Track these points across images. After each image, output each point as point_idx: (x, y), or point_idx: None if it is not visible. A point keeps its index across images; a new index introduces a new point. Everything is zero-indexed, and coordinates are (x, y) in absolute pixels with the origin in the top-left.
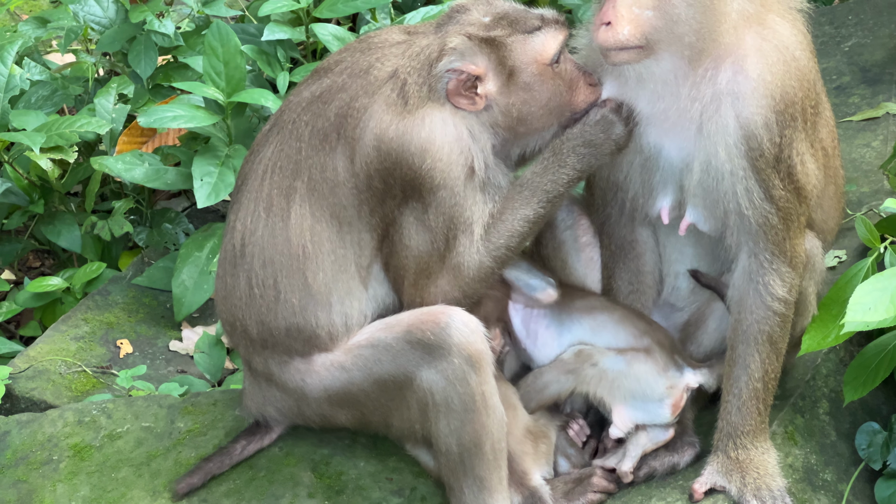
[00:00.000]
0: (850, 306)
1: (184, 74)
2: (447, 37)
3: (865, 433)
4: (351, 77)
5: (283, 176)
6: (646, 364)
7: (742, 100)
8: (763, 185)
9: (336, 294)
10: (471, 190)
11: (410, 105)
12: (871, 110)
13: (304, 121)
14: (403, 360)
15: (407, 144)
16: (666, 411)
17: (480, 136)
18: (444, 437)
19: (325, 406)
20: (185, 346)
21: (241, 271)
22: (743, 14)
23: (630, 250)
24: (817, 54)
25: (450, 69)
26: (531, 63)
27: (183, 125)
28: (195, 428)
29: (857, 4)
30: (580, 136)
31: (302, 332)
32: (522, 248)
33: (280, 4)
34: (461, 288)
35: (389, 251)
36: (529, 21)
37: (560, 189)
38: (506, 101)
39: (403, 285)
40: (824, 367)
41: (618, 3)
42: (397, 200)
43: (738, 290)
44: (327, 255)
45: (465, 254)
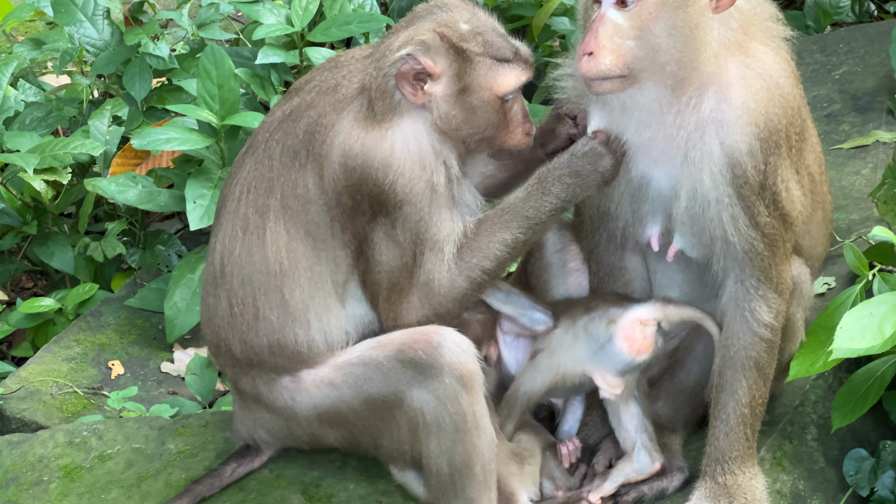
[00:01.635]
0: (838, 333)
1: (178, 97)
2: (419, 30)
3: (853, 460)
4: (319, 95)
5: (257, 195)
6: (583, 318)
7: (726, 127)
8: (748, 212)
9: (314, 311)
10: (436, 206)
11: (377, 119)
12: (861, 138)
13: (275, 140)
14: (394, 379)
15: (370, 160)
16: (621, 345)
17: (442, 150)
18: (434, 457)
19: (314, 425)
20: (177, 368)
21: (221, 291)
22: (724, 42)
23: (619, 276)
24: (808, 82)
25: (409, 54)
26: (486, 89)
27: (176, 147)
28: (186, 450)
29: (847, 33)
30: (567, 166)
31: (283, 348)
32: (501, 273)
33: (274, 28)
34: (433, 306)
35: (365, 267)
36: (503, 49)
37: (542, 216)
38: (447, 110)
39: (378, 301)
40: (813, 393)
41: (599, 33)
42: (367, 216)
43: (725, 315)
44: (303, 271)
45: (435, 271)
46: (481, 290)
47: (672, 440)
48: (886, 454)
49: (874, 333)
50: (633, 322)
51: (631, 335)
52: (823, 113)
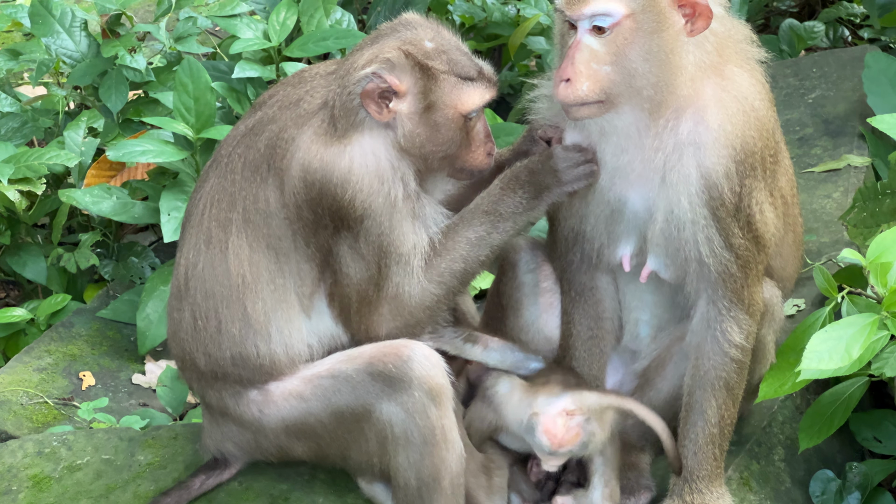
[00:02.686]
0: (806, 355)
1: (154, 110)
2: (383, 48)
3: (820, 481)
4: (281, 109)
5: (220, 209)
6: (521, 390)
7: (703, 150)
8: (723, 234)
9: (275, 324)
10: (398, 219)
11: (337, 135)
12: (833, 162)
13: (237, 154)
14: (363, 392)
15: (329, 175)
16: (541, 438)
17: (401, 165)
18: (402, 470)
19: (282, 438)
20: (148, 380)
21: (185, 305)
22: (700, 66)
23: (590, 296)
24: (781, 105)
25: (375, 73)
26: (450, 107)
27: (152, 160)
28: (155, 461)
29: (821, 57)
30: (526, 167)
31: (246, 361)
32: (472, 277)
33: (251, 43)
34: (404, 317)
35: (333, 280)
36: (467, 68)
37: (501, 211)
38: (412, 127)
39: (350, 314)
40: (780, 414)
41: (576, 59)
42: (329, 230)
43: (696, 336)
44: (266, 284)
45: (404, 284)
46: (452, 297)
47: (640, 459)
48: (853, 475)
49: (842, 355)
50: (555, 416)
51: (551, 429)
52: (796, 136)
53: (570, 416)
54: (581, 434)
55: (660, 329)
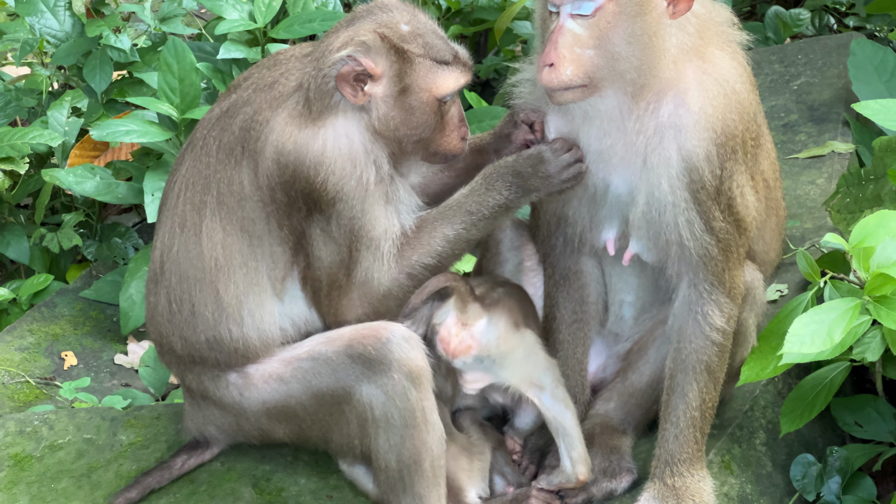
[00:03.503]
0: (788, 338)
1: (138, 90)
2: (359, 30)
3: (800, 465)
4: (256, 92)
5: (194, 192)
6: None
7: (684, 133)
8: (704, 217)
9: (247, 307)
10: (370, 203)
11: (311, 117)
12: (817, 148)
13: (212, 136)
14: (343, 374)
15: (302, 157)
16: (439, 347)
17: (374, 148)
18: (383, 452)
19: (263, 421)
20: (131, 360)
21: (161, 289)
22: (682, 48)
23: (574, 280)
24: (766, 92)
25: (350, 55)
26: (425, 91)
27: (136, 140)
28: (137, 441)
29: (806, 44)
30: (511, 165)
31: (220, 344)
32: (445, 269)
33: (237, 24)
34: (372, 304)
35: (305, 264)
36: (443, 52)
37: (484, 212)
38: (386, 110)
39: (320, 298)
40: (762, 398)
41: (559, 44)
42: (302, 213)
43: (677, 319)
44: (238, 268)
45: (373, 269)
46: None
47: (622, 442)
48: (833, 460)
49: (824, 339)
50: (450, 326)
51: (445, 337)
52: (781, 123)
53: (464, 326)
54: (473, 345)
55: (643, 311)
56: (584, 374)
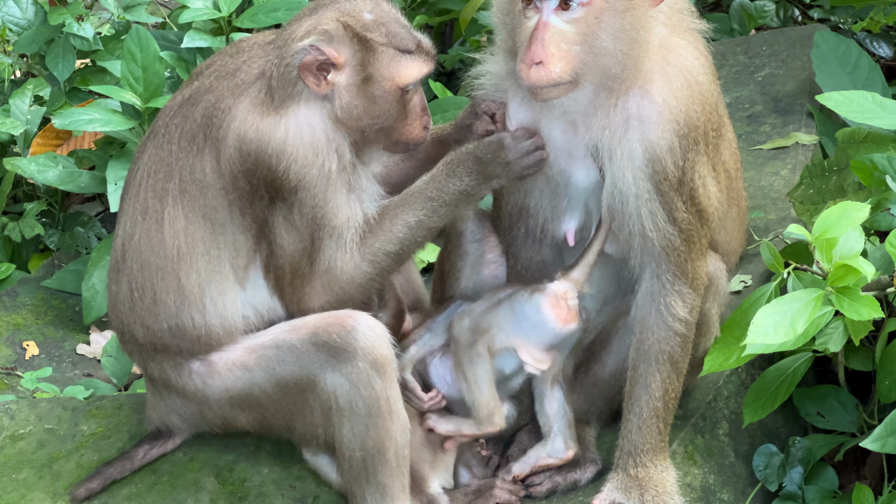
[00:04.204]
0: (751, 329)
1: (102, 79)
2: (322, 19)
3: (763, 455)
4: (218, 79)
5: (157, 179)
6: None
7: (647, 124)
8: (666, 208)
9: (209, 295)
10: (332, 192)
11: (273, 105)
12: (782, 139)
13: (174, 124)
14: (308, 362)
15: (264, 146)
16: (548, 315)
17: (336, 137)
18: (347, 441)
19: (226, 409)
20: (93, 350)
21: (122, 277)
22: (661, 40)
23: (536, 271)
24: (731, 83)
25: (313, 45)
26: (388, 80)
27: (99, 129)
28: (99, 431)
29: (771, 36)
30: (472, 152)
31: (183, 332)
32: (406, 258)
33: (200, 13)
34: (335, 292)
35: (267, 252)
36: (406, 41)
37: (445, 198)
38: (349, 99)
39: (283, 286)
40: (725, 388)
41: (546, 41)
42: (265, 201)
43: (640, 310)
44: (201, 255)
45: (336, 258)
46: (386, 276)
47: (586, 433)
48: (795, 450)
49: (786, 330)
50: (557, 293)
51: (557, 304)
52: (745, 114)
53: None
54: (579, 315)
55: (605, 303)
56: None
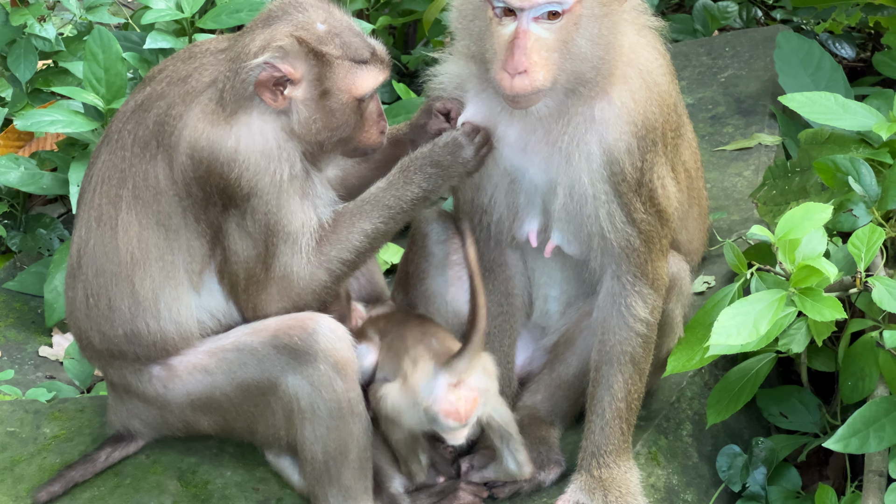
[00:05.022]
0: (714, 330)
1: (64, 80)
2: (275, 33)
3: (726, 455)
4: (170, 85)
5: (110, 186)
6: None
7: (605, 126)
8: (625, 209)
9: (164, 301)
10: (285, 198)
11: (226, 113)
12: (745, 140)
13: (127, 130)
14: (269, 365)
15: (216, 153)
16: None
17: (287, 145)
18: (309, 444)
19: (188, 412)
20: (56, 352)
21: (78, 283)
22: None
23: (499, 273)
24: (694, 84)
25: (268, 62)
26: (345, 92)
27: (61, 130)
28: (61, 434)
29: (734, 37)
30: (428, 156)
31: (139, 338)
32: (362, 264)
33: (163, 13)
34: (291, 298)
35: (222, 258)
36: (361, 50)
37: (403, 206)
38: (307, 113)
39: (238, 292)
40: (689, 389)
41: (529, 50)
42: (219, 207)
43: (602, 311)
44: (154, 261)
45: (291, 264)
46: (341, 282)
47: (550, 433)
48: (759, 450)
49: (749, 331)
50: (445, 396)
51: (451, 409)
52: (708, 115)
53: (456, 387)
54: (478, 396)
55: (568, 305)
56: (511, 367)
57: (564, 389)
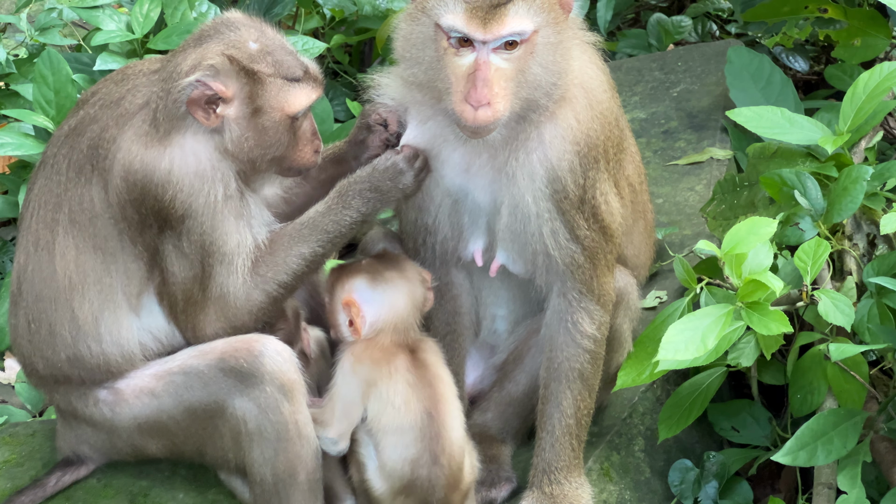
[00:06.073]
0: (663, 345)
1: (15, 102)
2: (207, 52)
3: (678, 470)
4: (102, 108)
5: (47, 210)
6: None
7: (548, 146)
8: (568, 226)
9: (104, 324)
10: (220, 219)
11: (160, 134)
12: (696, 155)
13: (62, 154)
14: (215, 388)
15: (150, 175)
16: None
17: (221, 166)
18: (258, 466)
19: (135, 437)
20: (7, 376)
21: (20, 309)
22: (578, 66)
23: (446, 292)
24: (647, 99)
25: (199, 80)
26: (277, 110)
27: (11, 153)
28: (12, 459)
29: (686, 51)
30: (367, 181)
31: (82, 362)
32: (299, 286)
33: (113, 35)
34: (228, 319)
35: (161, 279)
36: (293, 68)
37: (342, 230)
38: (240, 132)
39: (176, 313)
40: (641, 405)
41: (491, 81)
42: (154, 230)
43: (549, 328)
44: (92, 285)
45: (228, 285)
46: (278, 304)
47: (501, 451)
48: (710, 465)
49: (697, 346)
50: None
51: None
52: (661, 129)
53: None
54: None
55: (516, 323)
56: (460, 386)
57: (514, 407)
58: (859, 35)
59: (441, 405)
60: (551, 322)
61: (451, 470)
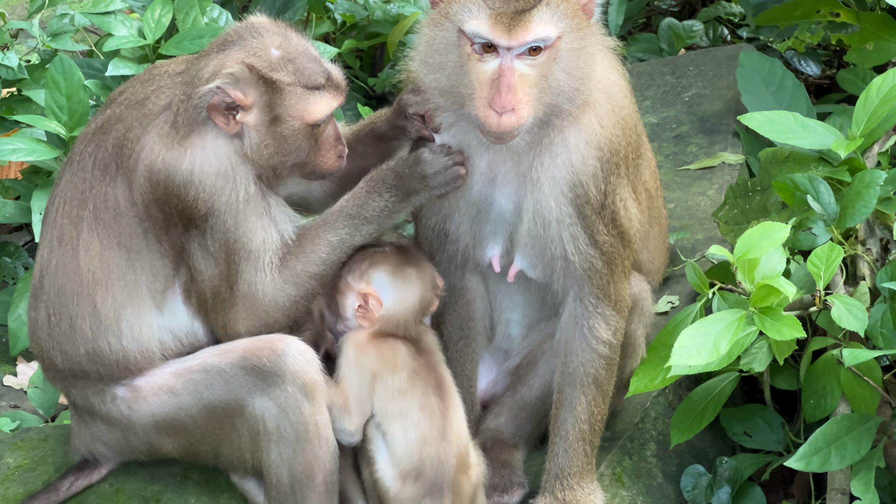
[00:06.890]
0: (675, 350)
1: (27, 108)
2: (228, 59)
3: (691, 475)
4: (128, 108)
5: (72, 206)
6: None
7: (572, 150)
8: (588, 231)
9: (125, 320)
10: (243, 218)
11: (180, 135)
12: (708, 159)
13: (88, 152)
14: (236, 386)
15: (173, 176)
16: None
17: (241, 168)
18: (275, 466)
19: (152, 434)
20: (20, 381)
21: (41, 303)
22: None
23: (460, 297)
24: (658, 103)
25: (219, 86)
26: (297, 118)
27: (23, 158)
28: (25, 464)
29: (698, 56)
30: (394, 169)
31: (101, 357)
32: (329, 277)
33: (125, 40)
34: (259, 316)
35: (188, 277)
36: (314, 76)
37: (366, 215)
38: (259, 140)
39: (207, 312)
40: (653, 410)
41: (516, 87)
42: (180, 228)
43: (564, 333)
44: (116, 281)
45: (256, 282)
46: (310, 297)
47: (513, 456)
48: (723, 470)
49: (710, 351)
50: None
51: None
52: (672, 134)
53: None
54: None
55: (530, 327)
56: (473, 390)
57: (527, 412)
58: (872, 39)
59: (446, 386)
60: (567, 327)
61: (458, 448)
